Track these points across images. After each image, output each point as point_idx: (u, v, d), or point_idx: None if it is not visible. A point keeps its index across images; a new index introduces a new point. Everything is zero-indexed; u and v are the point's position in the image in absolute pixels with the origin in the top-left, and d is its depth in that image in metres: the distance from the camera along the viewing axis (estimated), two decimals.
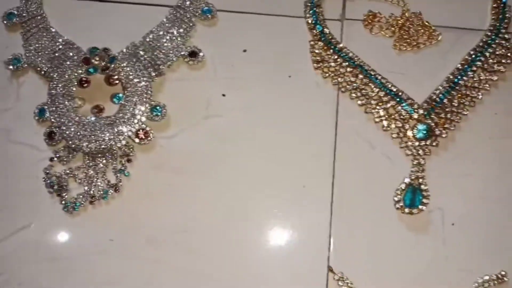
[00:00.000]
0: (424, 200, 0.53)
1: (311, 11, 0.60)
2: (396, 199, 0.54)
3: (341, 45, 0.59)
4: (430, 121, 0.55)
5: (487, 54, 0.58)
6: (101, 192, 0.54)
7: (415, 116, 0.55)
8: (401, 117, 0.56)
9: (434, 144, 0.55)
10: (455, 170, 0.56)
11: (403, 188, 0.54)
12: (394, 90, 0.57)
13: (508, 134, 0.57)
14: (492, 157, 0.56)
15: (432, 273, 0.53)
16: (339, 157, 0.56)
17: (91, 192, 0.54)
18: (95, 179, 0.55)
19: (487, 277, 0.52)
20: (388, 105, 0.56)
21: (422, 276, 0.53)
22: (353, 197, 0.55)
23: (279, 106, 0.58)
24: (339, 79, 0.58)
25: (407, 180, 0.54)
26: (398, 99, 0.56)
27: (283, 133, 0.57)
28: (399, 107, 0.56)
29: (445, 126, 0.55)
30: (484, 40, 0.59)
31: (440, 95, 0.56)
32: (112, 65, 0.55)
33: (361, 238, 0.54)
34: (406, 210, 0.53)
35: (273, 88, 0.59)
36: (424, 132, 0.55)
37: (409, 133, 0.55)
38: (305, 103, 0.58)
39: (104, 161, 0.55)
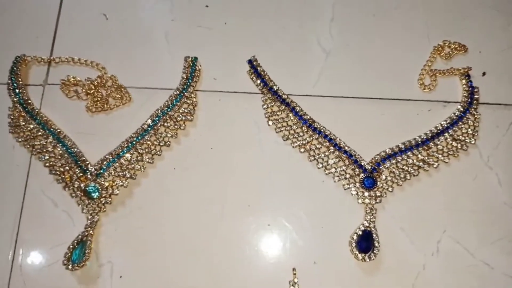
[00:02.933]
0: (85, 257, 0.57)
1: (12, 78, 0.64)
2: (66, 257, 0.57)
3: (37, 109, 0.63)
4: (102, 179, 0.60)
5: (171, 112, 0.63)
6: None
7: (89, 176, 0.60)
8: (78, 177, 0.60)
9: (107, 202, 0.59)
10: (130, 223, 0.60)
11: (75, 245, 0.58)
12: (74, 151, 0.61)
13: (186, 187, 0.61)
14: (171, 215, 0.60)
15: None
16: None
17: None
18: None
19: None
20: (70, 166, 0.61)
21: None
22: (36, 255, 0.59)
23: None
24: (33, 142, 0.62)
25: (79, 237, 0.58)
26: (76, 161, 0.61)
27: None
28: (76, 169, 0.60)
29: (118, 184, 0.60)
30: (171, 97, 0.64)
31: (116, 154, 0.61)
32: None
33: None
34: (74, 266, 0.57)
35: None
36: (96, 190, 0.59)
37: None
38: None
39: None
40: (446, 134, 0.63)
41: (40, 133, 0.62)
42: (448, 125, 0.63)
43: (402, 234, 0.60)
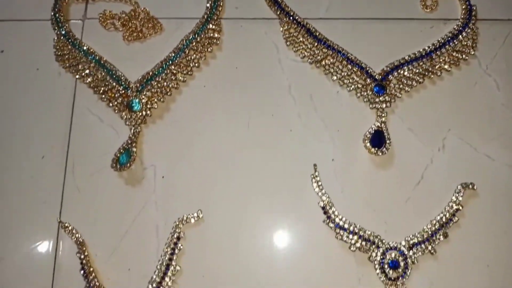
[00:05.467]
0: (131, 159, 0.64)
1: (55, 14, 0.72)
2: (114, 161, 0.65)
3: (79, 40, 0.71)
4: (142, 95, 0.67)
5: (199, 38, 0.70)
6: None
7: (130, 92, 0.67)
8: (120, 94, 0.68)
9: (148, 114, 0.67)
10: (168, 133, 0.68)
11: (121, 151, 0.65)
12: (115, 73, 0.68)
13: (215, 102, 0.69)
14: (204, 126, 0.68)
15: (143, 219, 0.64)
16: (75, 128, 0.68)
17: None
18: None
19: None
20: (112, 86, 0.68)
21: (136, 221, 0.64)
22: (87, 163, 0.67)
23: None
24: (77, 68, 0.70)
25: (124, 144, 0.65)
26: (117, 80, 0.68)
27: None
28: (119, 87, 0.68)
29: (155, 99, 0.67)
30: (198, 24, 0.71)
31: (153, 73, 0.68)
32: None
33: (88, 198, 0.66)
34: (121, 168, 0.64)
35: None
36: (137, 104, 0.67)
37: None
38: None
39: None
40: (447, 46, 0.70)
41: (83, 60, 0.70)
42: (449, 38, 0.70)
43: (410, 133, 0.67)
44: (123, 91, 0.68)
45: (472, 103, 0.68)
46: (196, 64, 0.69)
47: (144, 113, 0.67)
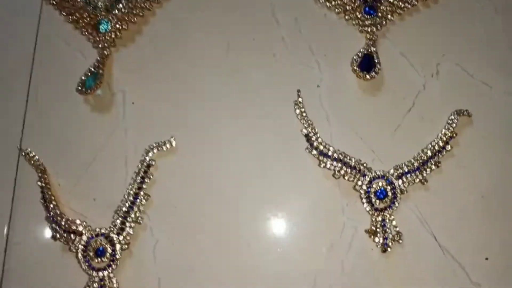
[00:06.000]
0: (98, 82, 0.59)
1: None
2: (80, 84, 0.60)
3: None
4: (112, 15, 0.62)
5: None
6: None
7: (99, 12, 0.62)
8: (88, 14, 0.62)
9: (117, 36, 0.62)
10: (140, 56, 0.62)
11: (88, 73, 0.60)
12: None
13: (191, 25, 0.64)
14: (178, 50, 0.63)
15: (111, 147, 0.59)
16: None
17: None
18: None
19: None
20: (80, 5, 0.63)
21: (103, 149, 0.59)
22: (51, 89, 0.61)
23: None
24: None
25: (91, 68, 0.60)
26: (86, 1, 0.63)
27: None
28: (87, 7, 0.62)
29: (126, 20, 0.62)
30: None
31: None
32: None
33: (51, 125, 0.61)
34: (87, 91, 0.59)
35: None
36: (106, 23, 0.61)
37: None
38: None
39: None
40: None
41: None
42: None
43: (402, 58, 0.62)
44: (91, 11, 0.62)
45: (468, 28, 0.63)
46: None
47: (113, 34, 0.62)
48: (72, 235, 0.55)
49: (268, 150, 0.59)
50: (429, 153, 0.58)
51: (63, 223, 0.55)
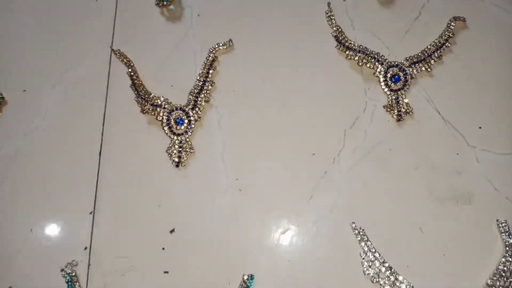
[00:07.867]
0: None
1: None
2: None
3: None
4: None
5: None
6: None
7: None
8: None
9: None
10: None
11: None
12: None
13: None
14: None
15: (183, 47, 0.76)
16: None
17: None
18: None
19: None
20: None
21: (177, 48, 0.76)
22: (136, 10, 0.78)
23: None
24: None
25: None
26: None
27: None
28: None
29: None
30: None
31: None
32: None
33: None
34: (163, 4, 0.76)
35: None
36: None
37: None
38: None
39: None
40: None
41: None
42: None
43: None
44: None
45: None
46: None
47: None
48: (158, 108, 0.71)
49: (298, 52, 0.75)
50: (433, 49, 0.73)
51: (149, 99, 0.71)
